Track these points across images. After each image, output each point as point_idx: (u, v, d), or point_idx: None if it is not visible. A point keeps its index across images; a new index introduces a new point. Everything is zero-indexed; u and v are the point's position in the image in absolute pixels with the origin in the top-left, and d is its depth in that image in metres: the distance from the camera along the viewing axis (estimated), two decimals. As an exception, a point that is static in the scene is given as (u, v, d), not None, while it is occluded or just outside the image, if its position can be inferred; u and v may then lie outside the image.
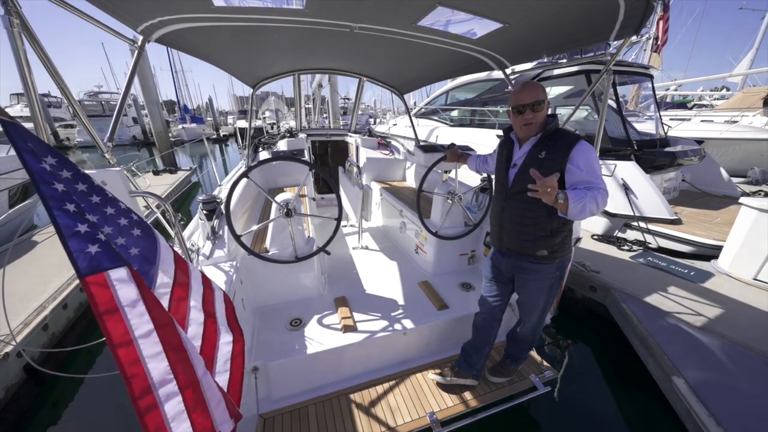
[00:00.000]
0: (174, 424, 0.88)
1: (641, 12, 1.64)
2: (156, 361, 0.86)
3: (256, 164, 2.02)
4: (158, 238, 1.13)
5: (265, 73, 3.48)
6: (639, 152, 4.66)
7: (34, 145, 0.79)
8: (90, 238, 0.83)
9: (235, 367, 1.27)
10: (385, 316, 2.24)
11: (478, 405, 1.92)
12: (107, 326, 0.81)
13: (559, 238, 1.57)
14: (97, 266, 0.81)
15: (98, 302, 0.80)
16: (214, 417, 0.98)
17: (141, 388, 0.83)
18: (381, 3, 1.69)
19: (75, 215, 0.82)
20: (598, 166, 1.42)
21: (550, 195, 1.30)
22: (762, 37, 14.90)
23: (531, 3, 1.62)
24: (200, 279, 1.29)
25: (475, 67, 2.82)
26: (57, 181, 0.81)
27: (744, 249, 3.07)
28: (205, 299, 1.27)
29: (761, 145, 7.98)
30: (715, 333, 2.37)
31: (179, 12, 1.70)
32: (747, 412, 1.77)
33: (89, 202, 0.91)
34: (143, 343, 0.85)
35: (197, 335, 1.18)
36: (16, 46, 1.06)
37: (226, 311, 1.36)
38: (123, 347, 0.82)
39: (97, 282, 0.81)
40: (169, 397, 0.87)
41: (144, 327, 0.86)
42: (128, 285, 0.85)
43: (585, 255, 3.63)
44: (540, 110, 1.50)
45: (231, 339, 1.32)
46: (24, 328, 2.46)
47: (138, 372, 0.83)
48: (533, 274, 1.66)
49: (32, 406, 2.40)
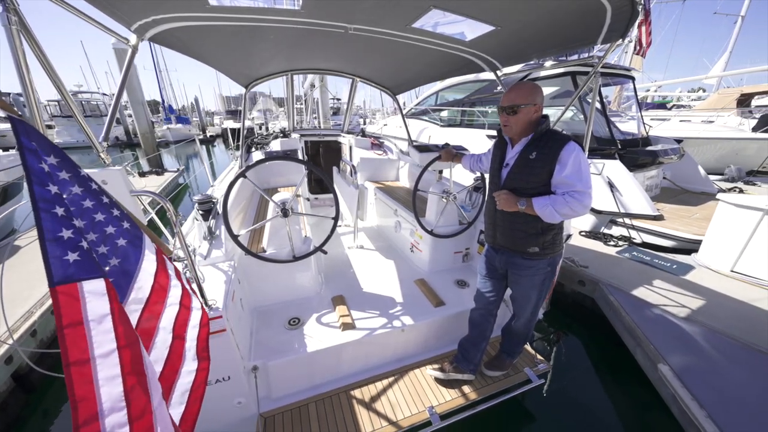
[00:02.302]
0: None
1: (627, 17, 1.72)
2: (110, 386, 0.79)
3: (254, 164, 2.02)
4: (143, 251, 1.08)
5: (258, 73, 3.46)
6: (623, 151, 4.84)
7: (39, 144, 0.78)
8: (71, 245, 0.79)
9: (192, 399, 1.15)
10: (383, 313, 2.27)
11: (475, 398, 1.97)
12: (66, 341, 0.75)
13: (549, 236, 1.63)
14: (72, 276, 0.77)
15: (63, 314, 0.75)
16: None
17: (87, 415, 0.74)
18: (376, 5, 1.72)
19: (62, 219, 0.79)
20: (585, 168, 1.47)
21: (507, 203, 1.56)
22: (735, 41, 15.59)
23: (522, 7, 1.67)
24: (179, 297, 1.20)
25: (468, 69, 2.87)
26: (52, 182, 0.80)
27: (721, 243, 3.23)
28: (178, 320, 1.16)
29: (736, 144, 8.37)
30: (696, 322, 2.49)
31: (174, 11, 1.68)
32: (727, 395, 1.88)
33: (80, 206, 0.88)
34: (101, 363, 0.78)
35: (160, 359, 1.08)
36: (14, 44, 1.04)
37: (198, 335, 1.23)
38: (78, 365, 0.75)
39: (67, 292, 0.76)
40: (115, 428, 0.78)
41: (107, 346, 0.80)
42: (100, 298, 0.81)
43: (574, 251, 3.75)
44: (516, 114, 1.54)
45: (195, 367, 1.19)
46: (12, 334, 2.38)
47: (88, 395, 0.75)
48: (526, 270, 1.71)
49: (21, 415, 2.33)
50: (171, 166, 10.94)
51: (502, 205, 1.61)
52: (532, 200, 1.52)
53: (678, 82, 16.65)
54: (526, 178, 1.56)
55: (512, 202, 1.56)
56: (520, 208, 1.54)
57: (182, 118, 27.49)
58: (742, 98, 11.35)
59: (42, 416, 2.37)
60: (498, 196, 1.63)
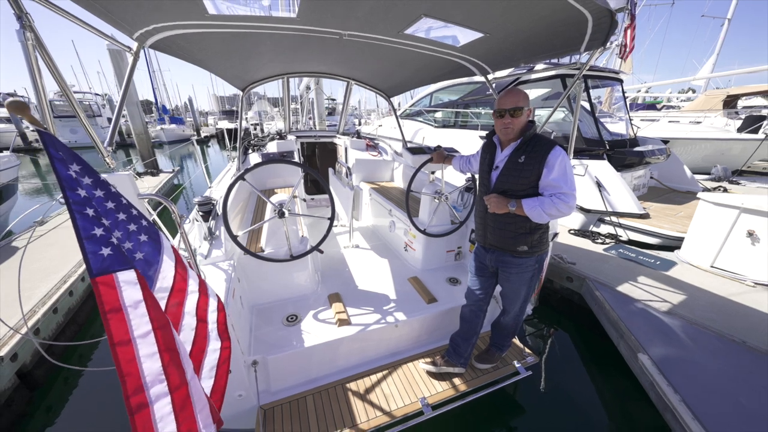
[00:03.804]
0: (161, 425, 0.90)
1: (607, 26, 1.83)
2: (150, 361, 0.90)
3: (252, 167, 2.10)
4: (162, 244, 1.19)
5: (254, 77, 3.53)
6: (611, 152, 4.98)
7: (64, 154, 0.86)
8: (104, 241, 0.89)
9: (220, 374, 1.30)
10: (377, 310, 2.36)
11: (466, 389, 2.07)
12: (110, 325, 0.86)
13: (537, 235, 1.73)
14: (107, 268, 0.87)
15: (105, 301, 0.86)
16: (198, 420, 1.02)
17: (134, 387, 0.87)
18: (369, 13, 1.80)
19: (93, 219, 0.89)
20: (570, 171, 1.58)
21: (498, 206, 1.64)
22: (722, 42, 15.93)
23: (509, 16, 1.76)
24: (197, 285, 1.33)
25: (459, 73, 2.97)
26: (80, 187, 0.89)
27: (702, 240, 3.37)
28: (199, 305, 1.30)
29: (722, 144, 8.59)
30: (676, 315, 2.62)
31: (174, 19, 1.76)
32: (701, 381, 2.01)
33: (105, 208, 0.98)
34: (141, 343, 0.90)
35: (188, 340, 1.21)
36: (29, 56, 1.12)
37: (218, 318, 1.39)
38: (122, 345, 0.87)
39: (105, 282, 0.87)
40: (159, 397, 0.91)
41: (143, 327, 0.91)
42: (133, 287, 0.91)
43: (562, 248, 3.87)
44: (519, 116, 1.63)
45: (219, 346, 1.35)
46: (15, 335, 2.43)
47: (133, 371, 0.87)
48: (515, 268, 1.81)
49: (26, 411, 2.38)
50: (165, 166, 10.91)
51: (493, 208, 1.69)
52: (521, 202, 1.61)
53: (667, 84, 16.96)
54: (516, 180, 1.66)
55: (503, 204, 1.65)
56: (511, 209, 1.63)
57: (176, 119, 27.33)
58: (728, 99, 11.64)
59: (45, 412, 2.42)
60: (488, 200, 1.71)
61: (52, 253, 3.84)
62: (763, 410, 1.81)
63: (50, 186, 10.47)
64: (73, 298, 3.26)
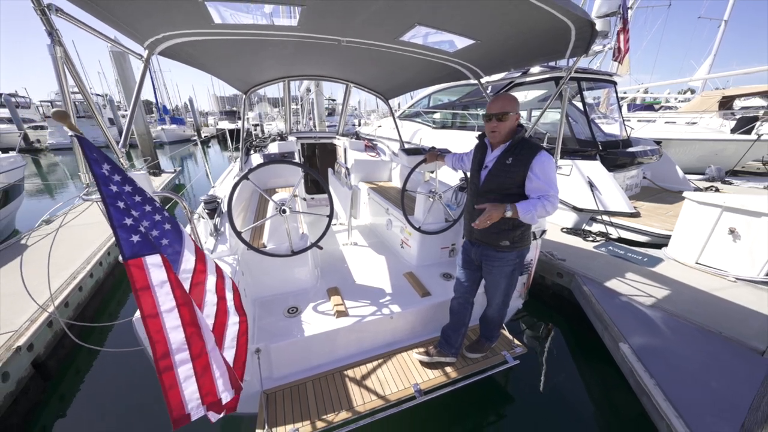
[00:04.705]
0: (184, 384, 1.10)
1: (588, 35, 1.95)
2: (175, 333, 1.08)
3: (257, 166, 2.23)
4: (183, 233, 1.35)
5: (257, 80, 3.66)
6: (603, 152, 5.11)
7: (98, 155, 1.00)
8: (133, 229, 1.04)
9: (240, 343, 1.51)
10: (373, 302, 2.49)
11: (456, 377, 2.20)
12: (141, 301, 1.03)
13: (519, 231, 1.86)
14: (137, 252, 1.03)
15: (136, 281, 1.02)
16: (217, 385, 1.20)
17: (161, 352, 1.05)
18: (366, 21, 1.92)
19: (123, 211, 1.04)
20: (553, 175, 1.71)
21: (497, 213, 1.68)
22: (719, 44, 16.06)
23: (498, 25, 1.88)
24: (214, 268, 1.50)
25: (455, 76, 3.10)
26: (112, 183, 1.03)
27: (688, 237, 3.50)
28: (217, 285, 1.48)
29: (716, 145, 8.72)
30: (659, 308, 2.75)
31: (182, 28, 1.89)
32: (675, 366, 2.15)
33: (133, 201, 1.12)
34: (166, 316, 1.06)
35: (211, 314, 1.40)
36: (59, 70, 1.25)
37: (234, 296, 1.58)
38: (151, 318, 1.04)
39: (136, 265, 1.02)
40: (183, 362, 1.09)
41: (168, 304, 1.07)
42: (159, 269, 1.07)
43: (553, 246, 4.00)
44: (506, 120, 1.75)
45: (238, 320, 1.55)
46: (30, 325, 2.57)
47: (160, 339, 1.05)
48: (497, 261, 1.94)
49: (40, 399, 2.51)
50: (166, 167, 11.06)
51: (492, 219, 1.68)
52: (516, 208, 1.67)
53: (664, 84, 17.10)
54: (503, 180, 1.79)
55: (500, 211, 1.68)
56: (507, 214, 1.69)
57: (176, 119, 27.48)
58: (723, 100, 11.77)
59: (59, 400, 2.55)
60: (487, 212, 1.68)
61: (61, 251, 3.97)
62: (730, 393, 1.94)
63: (51, 186, 10.62)
64: (82, 293, 3.39)
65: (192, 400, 1.15)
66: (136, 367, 2.75)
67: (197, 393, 1.16)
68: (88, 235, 4.47)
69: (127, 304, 3.97)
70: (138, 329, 1.52)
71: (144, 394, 2.57)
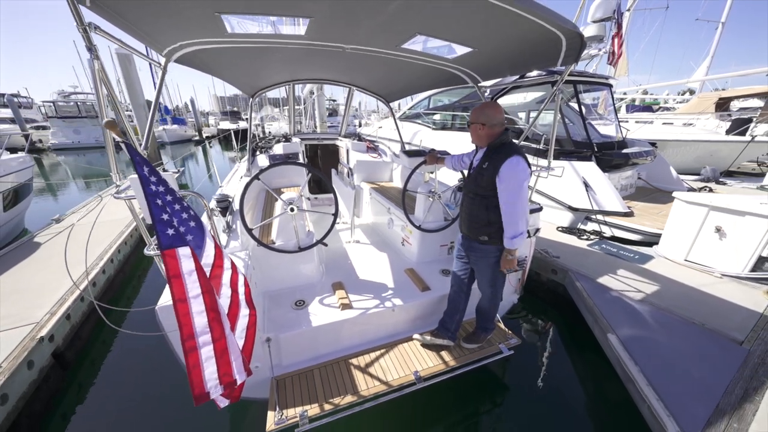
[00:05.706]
0: (206, 364, 1.22)
1: (578, 45, 2.09)
2: (199, 317, 1.21)
3: (267, 167, 2.37)
4: (206, 230, 1.49)
5: (263, 84, 3.80)
6: (599, 153, 5.25)
7: (140, 159, 1.14)
8: (169, 224, 1.19)
9: (249, 335, 1.64)
10: (376, 296, 2.63)
11: (454, 365, 2.34)
12: (173, 287, 1.16)
13: (494, 228, 1.99)
14: (171, 244, 1.17)
15: (169, 269, 1.16)
16: (233, 366, 1.33)
17: (188, 334, 1.17)
18: (369, 30, 2.07)
19: (161, 207, 1.19)
20: (516, 182, 1.83)
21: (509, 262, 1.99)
22: (716, 45, 16.21)
23: (493, 34, 2.01)
24: (230, 264, 1.64)
25: (453, 81, 3.25)
26: (152, 183, 1.18)
27: (677, 235, 3.64)
28: (232, 279, 1.62)
29: (711, 146, 8.87)
30: (646, 302, 2.89)
31: (198, 37, 2.03)
32: (659, 354, 2.30)
33: (166, 199, 1.26)
34: (193, 302, 1.20)
35: (225, 305, 1.53)
36: (96, 81, 1.39)
37: (245, 291, 1.71)
38: (181, 303, 1.17)
39: (170, 255, 1.16)
40: (205, 344, 1.22)
41: (195, 290, 1.20)
42: (188, 259, 1.20)
43: (548, 244, 4.15)
44: (483, 127, 1.92)
45: (248, 312, 1.68)
46: (50, 318, 2.71)
47: (187, 322, 1.18)
48: (479, 253, 2.11)
49: (60, 387, 2.65)
50: (168, 167, 11.20)
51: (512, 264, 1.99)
52: (505, 244, 1.94)
53: (662, 86, 17.25)
54: (477, 182, 1.97)
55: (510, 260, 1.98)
56: (513, 252, 1.96)
57: (178, 119, 27.60)
58: (720, 102, 11.91)
59: (78, 389, 2.69)
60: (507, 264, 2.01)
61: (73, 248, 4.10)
62: (708, 379, 2.09)
63: (53, 186, 10.76)
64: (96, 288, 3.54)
65: (211, 380, 1.28)
66: (148, 358, 2.90)
67: (216, 373, 1.28)
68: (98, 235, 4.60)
69: (138, 297, 4.11)
70: (160, 316, 1.66)
71: (158, 383, 2.71)
